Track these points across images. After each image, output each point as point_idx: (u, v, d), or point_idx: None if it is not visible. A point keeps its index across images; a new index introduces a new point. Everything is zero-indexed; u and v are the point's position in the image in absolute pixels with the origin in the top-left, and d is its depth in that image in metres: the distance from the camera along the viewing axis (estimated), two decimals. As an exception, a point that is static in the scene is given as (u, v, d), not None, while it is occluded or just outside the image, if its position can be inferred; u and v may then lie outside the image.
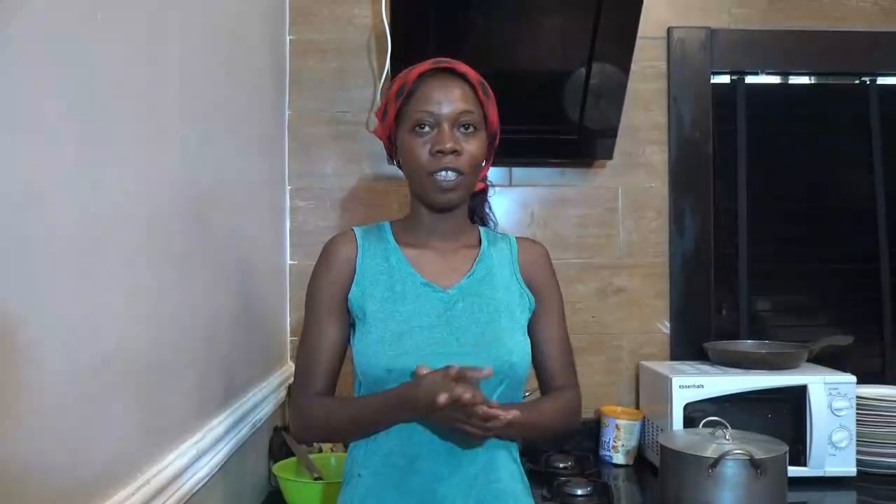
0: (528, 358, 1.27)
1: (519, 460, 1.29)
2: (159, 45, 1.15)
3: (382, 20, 2.03)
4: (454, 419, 1.12)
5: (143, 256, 1.08)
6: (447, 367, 1.10)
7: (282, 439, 1.79)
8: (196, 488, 1.23)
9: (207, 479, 1.30)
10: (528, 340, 1.29)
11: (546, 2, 1.89)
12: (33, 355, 0.79)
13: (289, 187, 2.13)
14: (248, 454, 1.62)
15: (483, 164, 1.31)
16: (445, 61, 1.25)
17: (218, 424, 1.40)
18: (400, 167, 1.30)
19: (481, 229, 1.38)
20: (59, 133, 0.84)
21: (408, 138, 1.24)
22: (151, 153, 1.11)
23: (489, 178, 1.42)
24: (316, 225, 2.13)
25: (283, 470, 1.67)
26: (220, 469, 1.37)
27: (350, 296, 1.26)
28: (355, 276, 1.27)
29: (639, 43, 1.96)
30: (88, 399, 0.91)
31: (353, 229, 1.33)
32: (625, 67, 1.97)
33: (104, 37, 0.95)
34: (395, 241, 1.31)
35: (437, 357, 1.15)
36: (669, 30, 2.19)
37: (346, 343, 1.29)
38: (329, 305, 1.27)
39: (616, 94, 2.00)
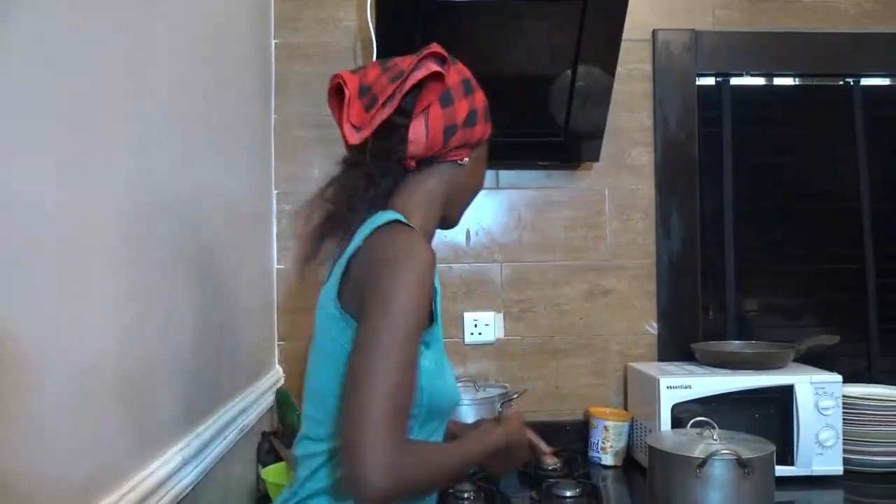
0: None
1: None
2: (144, 51, 1.14)
3: (368, 23, 2.03)
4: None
5: (128, 263, 1.07)
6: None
7: (270, 444, 1.79)
8: (182, 494, 1.23)
9: (194, 485, 1.29)
10: None
11: (531, 5, 1.88)
12: (17, 364, 0.78)
13: (275, 191, 2.13)
14: (235, 460, 1.61)
15: None
16: None
17: (204, 430, 1.39)
18: (454, 156, 1.14)
19: None
20: (42, 141, 0.84)
21: (485, 161, 1.21)
22: (136, 159, 1.11)
23: None
24: (302, 229, 2.13)
25: (272, 475, 1.67)
26: (206, 475, 1.37)
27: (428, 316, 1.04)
28: (436, 292, 1.10)
29: (624, 45, 1.96)
30: (72, 407, 0.90)
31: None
32: (610, 70, 1.97)
33: (87, 43, 0.94)
34: None
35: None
36: (654, 32, 2.20)
37: None
38: (421, 327, 1.00)
39: (602, 97, 2.01)
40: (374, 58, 1.97)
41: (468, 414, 1.85)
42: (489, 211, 2.18)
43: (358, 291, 1.01)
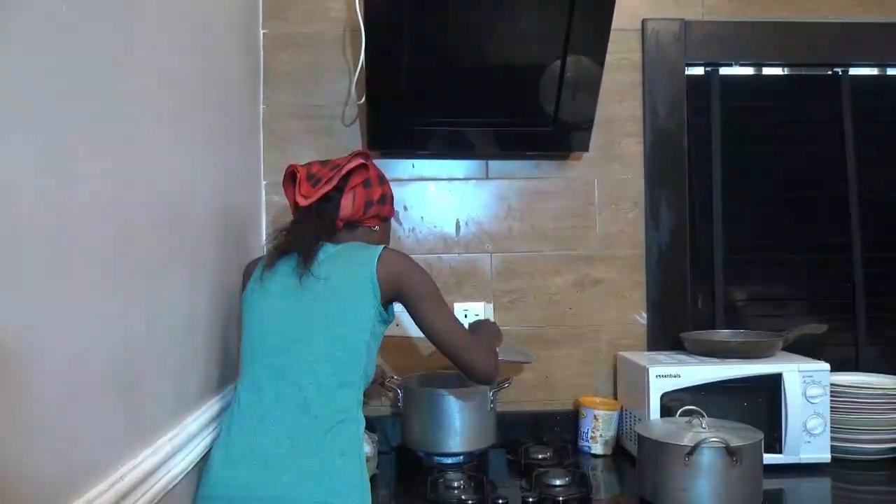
0: None
1: None
2: (129, 41, 1.13)
3: (356, 13, 2.02)
4: None
5: (115, 254, 1.07)
6: None
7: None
8: (171, 484, 1.23)
9: (183, 475, 1.29)
10: None
11: (520, -6, 1.88)
12: (4, 356, 0.77)
13: (264, 182, 2.12)
14: (225, 450, 1.61)
15: None
16: None
17: (193, 421, 1.39)
18: (369, 223, 1.62)
19: None
20: (28, 132, 0.83)
21: (388, 233, 1.74)
22: (123, 150, 1.10)
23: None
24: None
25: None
26: (195, 465, 1.37)
27: None
28: None
29: (613, 35, 1.95)
30: (61, 397, 0.90)
31: None
32: (600, 60, 1.97)
33: (70, 34, 0.93)
34: None
35: None
36: (644, 22, 2.20)
37: None
38: None
39: (591, 87, 2.00)
40: (363, 47, 1.96)
41: (458, 405, 1.86)
42: (479, 201, 2.18)
43: (390, 282, 1.46)
